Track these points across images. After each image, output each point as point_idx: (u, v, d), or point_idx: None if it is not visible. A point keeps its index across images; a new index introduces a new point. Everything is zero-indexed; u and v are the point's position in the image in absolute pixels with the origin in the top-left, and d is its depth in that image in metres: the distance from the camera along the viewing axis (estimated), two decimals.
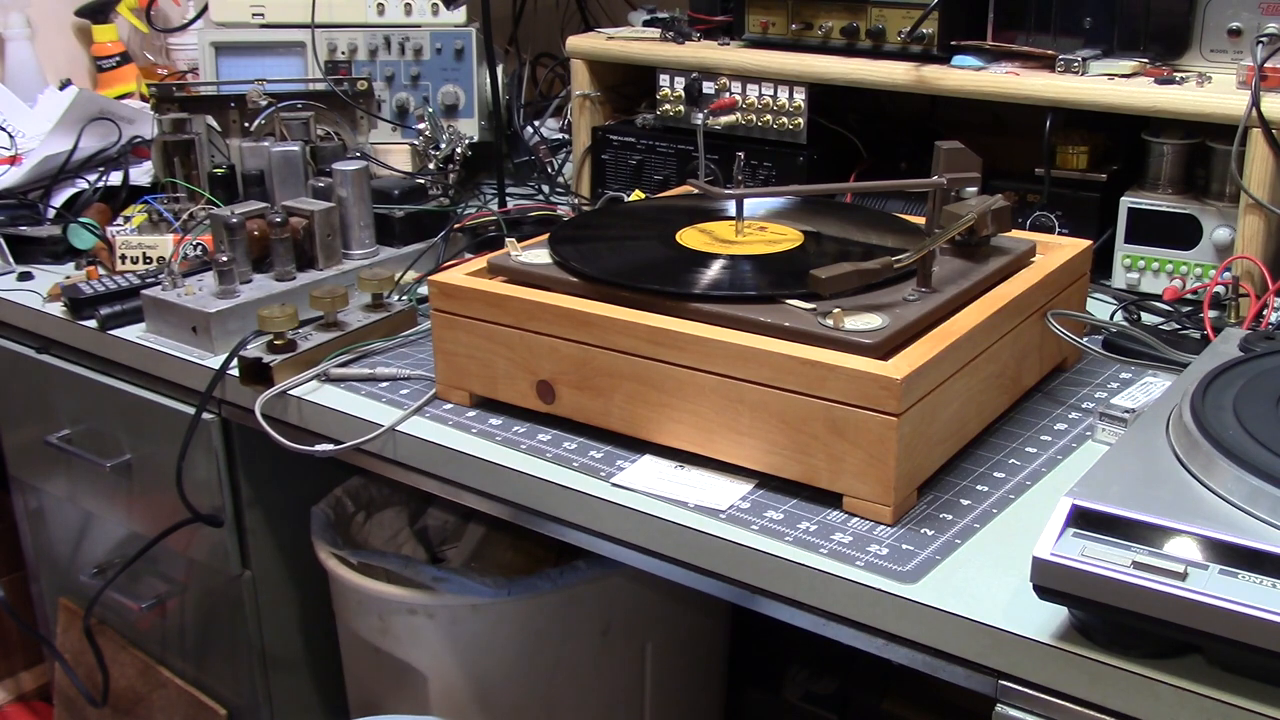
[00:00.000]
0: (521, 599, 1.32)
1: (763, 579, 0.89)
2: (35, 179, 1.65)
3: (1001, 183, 1.39)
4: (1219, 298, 1.22)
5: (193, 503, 1.30)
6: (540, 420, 1.07)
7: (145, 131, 1.72)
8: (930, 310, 0.97)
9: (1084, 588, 0.73)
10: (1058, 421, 1.06)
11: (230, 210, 1.33)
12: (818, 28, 1.47)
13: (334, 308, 1.23)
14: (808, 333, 0.93)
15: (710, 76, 1.51)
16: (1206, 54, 1.32)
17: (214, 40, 1.74)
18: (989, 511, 0.92)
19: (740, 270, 1.05)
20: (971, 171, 1.06)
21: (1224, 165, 1.27)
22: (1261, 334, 0.97)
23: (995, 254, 1.08)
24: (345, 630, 1.46)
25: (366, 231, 1.41)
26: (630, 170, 1.63)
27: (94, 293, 1.36)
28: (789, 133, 1.49)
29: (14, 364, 1.51)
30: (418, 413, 1.11)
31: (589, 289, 1.03)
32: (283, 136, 1.54)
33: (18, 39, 2.12)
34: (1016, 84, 1.32)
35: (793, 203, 1.25)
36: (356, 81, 1.61)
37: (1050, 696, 0.78)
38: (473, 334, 1.07)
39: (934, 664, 0.84)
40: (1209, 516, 0.73)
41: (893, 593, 0.83)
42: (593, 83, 1.66)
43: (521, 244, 1.12)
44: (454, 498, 1.10)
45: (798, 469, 0.93)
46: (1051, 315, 1.06)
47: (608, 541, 0.99)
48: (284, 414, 1.18)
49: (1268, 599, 0.68)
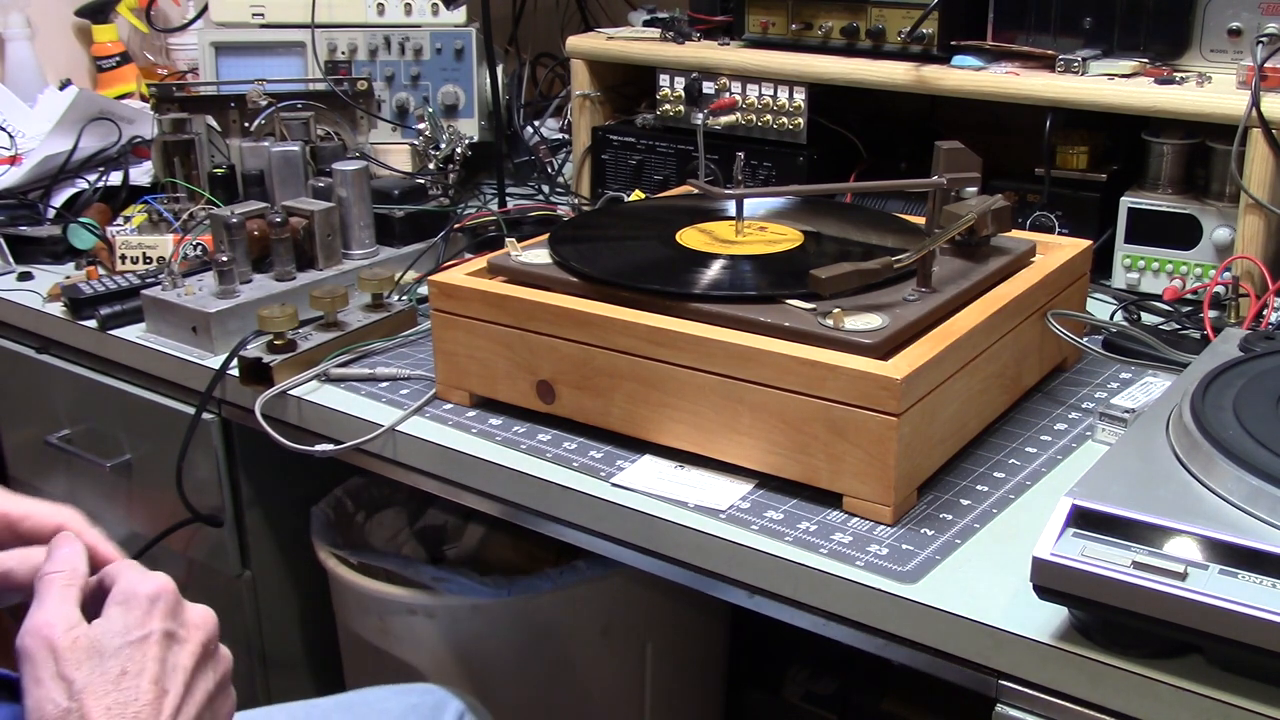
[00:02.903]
0: (521, 599, 1.32)
1: (763, 579, 0.89)
2: (35, 179, 1.65)
3: (1001, 183, 1.39)
4: (1219, 298, 1.22)
5: (193, 503, 1.30)
6: (540, 420, 1.06)
7: (145, 131, 1.72)
8: (930, 310, 0.97)
9: (1084, 588, 0.73)
10: (1058, 421, 1.06)
11: (230, 210, 1.33)
12: (818, 28, 1.47)
13: (334, 308, 1.23)
14: (808, 333, 0.93)
15: (710, 76, 1.51)
16: (1206, 54, 1.32)
17: (214, 40, 1.74)
18: (989, 511, 0.92)
19: (740, 270, 1.05)
20: (971, 171, 1.06)
21: (1224, 165, 1.27)
22: (1261, 334, 0.97)
23: (995, 254, 1.08)
24: (345, 630, 1.46)
25: (366, 231, 1.41)
26: (630, 170, 1.63)
27: (94, 293, 1.36)
28: (789, 133, 1.49)
29: (14, 364, 1.51)
30: (418, 413, 1.11)
31: (589, 289, 1.03)
32: (283, 136, 1.54)
33: (18, 39, 2.12)
34: (1016, 84, 1.32)
35: (793, 203, 1.25)
36: (356, 81, 1.61)
37: (1050, 696, 0.78)
38: (473, 334, 1.07)
39: (934, 664, 0.84)
40: (1209, 516, 0.73)
41: (893, 593, 0.83)
42: (593, 83, 1.66)
43: (521, 244, 1.12)
44: (454, 498, 1.10)
45: (798, 469, 0.93)
46: (1051, 315, 1.06)
47: (608, 541, 0.99)
48: (284, 414, 1.18)
49: (1268, 599, 0.68)
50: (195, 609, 0.74)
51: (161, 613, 0.71)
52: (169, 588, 0.72)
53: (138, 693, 0.67)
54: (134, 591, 0.71)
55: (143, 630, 0.70)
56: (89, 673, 0.67)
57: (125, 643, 0.69)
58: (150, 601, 0.71)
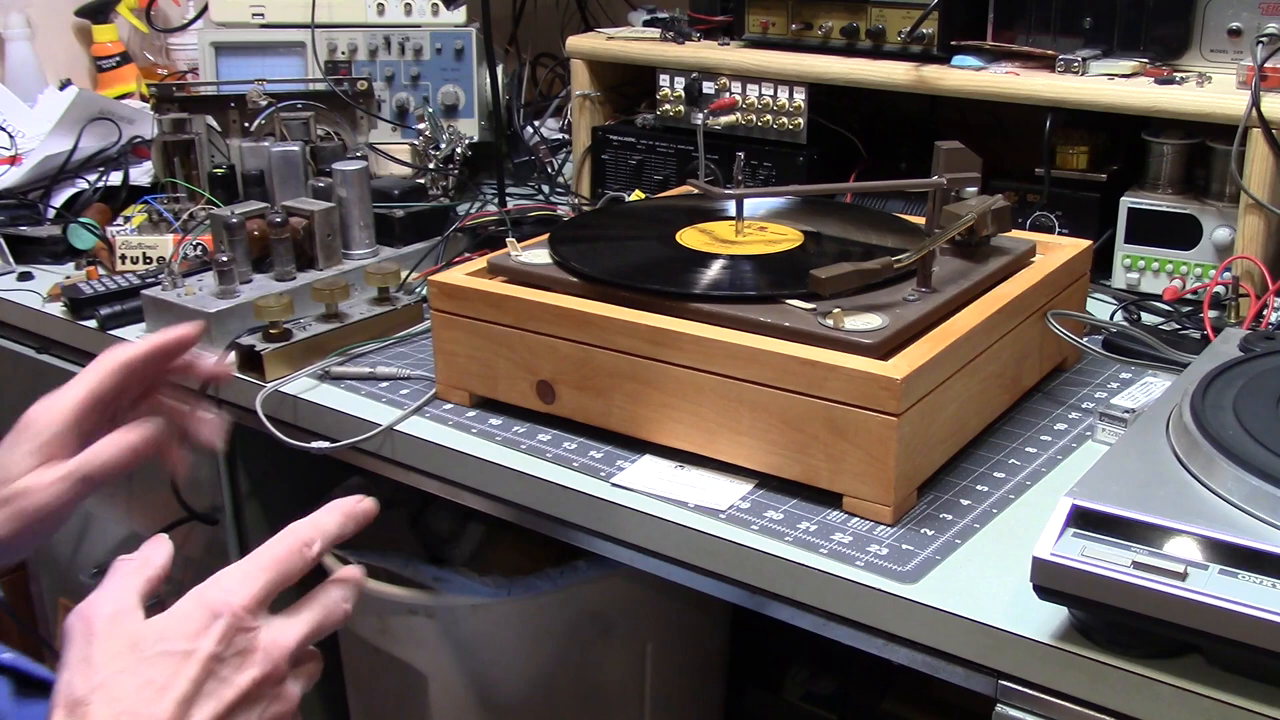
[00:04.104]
0: (521, 599, 1.32)
1: (763, 579, 0.89)
2: (35, 179, 1.65)
3: (1001, 183, 1.39)
4: (1219, 298, 1.22)
5: (193, 502, 1.30)
6: (540, 420, 1.06)
7: (145, 131, 1.72)
8: (930, 310, 0.97)
9: (1084, 588, 0.73)
10: (1058, 421, 1.06)
11: (230, 210, 1.33)
12: (818, 28, 1.47)
13: (334, 299, 1.23)
14: (808, 333, 0.93)
15: (710, 76, 1.51)
16: (1206, 54, 1.32)
17: (214, 40, 1.74)
18: (989, 511, 0.92)
19: (740, 270, 1.05)
20: (971, 171, 1.06)
21: (1224, 165, 1.27)
22: (1261, 334, 0.97)
23: (995, 254, 1.08)
24: (345, 630, 1.46)
25: (366, 231, 1.41)
26: (630, 170, 1.63)
27: (94, 293, 1.36)
28: (789, 133, 1.49)
29: (14, 364, 1.51)
30: (417, 412, 1.11)
31: (589, 289, 1.03)
32: (283, 136, 1.54)
33: (18, 39, 2.12)
34: (1016, 84, 1.32)
35: (793, 203, 1.25)
36: (356, 81, 1.61)
37: (1050, 696, 0.78)
38: (473, 334, 1.07)
39: (934, 664, 0.84)
40: (1209, 516, 0.73)
41: (893, 593, 0.83)
42: (593, 83, 1.66)
43: (521, 244, 1.12)
44: (454, 498, 1.10)
45: (798, 469, 0.93)
46: (1051, 315, 1.06)
47: (608, 541, 0.99)
48: (284, 413, 1.18)
49: (1268, 599, 0.68)
50: (274, 640, 0.67)
51: (219, 635, 0.64)
52: (236, 608, 0.65)
53: (155, 710, 0.61)
54: (203, 598, 0.65)
55: (189, 644, 0.63)
56: (116, 668, 0.62)
57: (164, 651, 0.63)
58: (212, 616, 0.64)
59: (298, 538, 0.70)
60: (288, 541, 0.70)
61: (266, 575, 0.68)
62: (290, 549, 0.69)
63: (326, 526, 0.72)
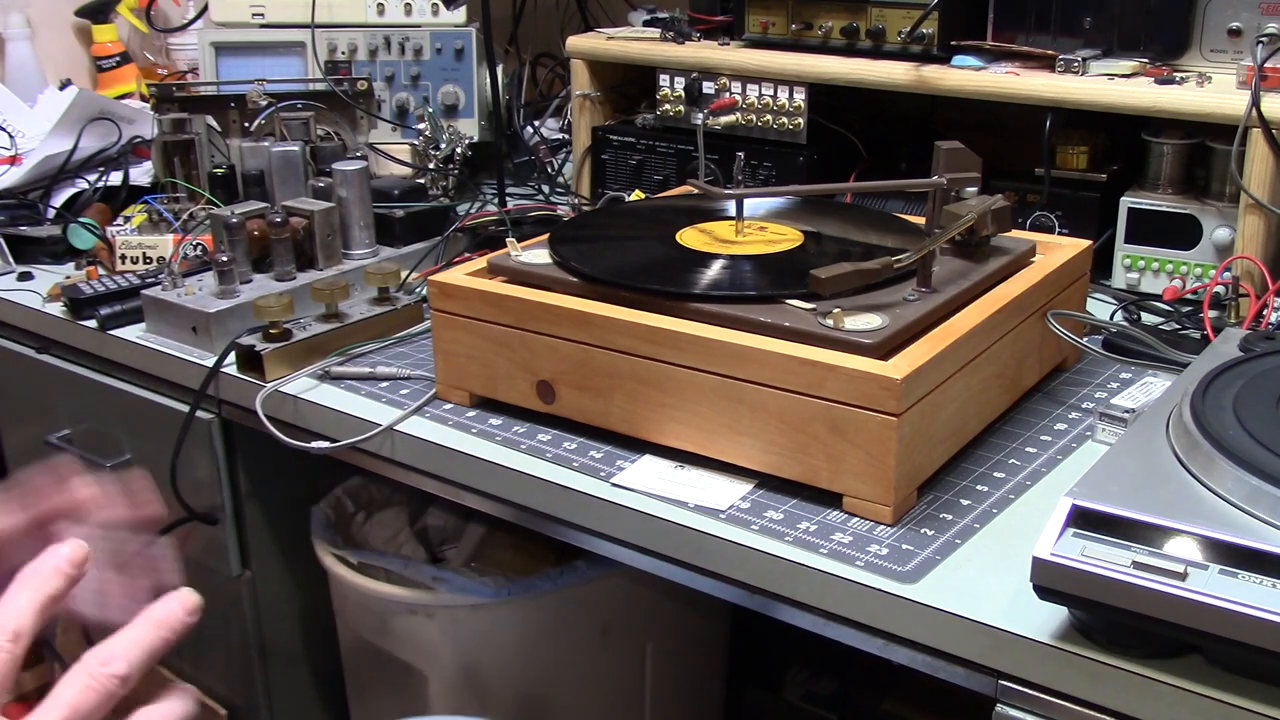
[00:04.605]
0: (521, 599, 1.32)
1: (762, 579, 0.89)
2: (35, 179, 1.65)
3: (1001, 183, 1.39)
4: (1219, 298, 1.22)
5: (193, 502, 1.30)
6: (540, 420, 1.06)
7: (145, 131, 1.72)
8: (930, 310, 0.97)
9: (1084, 588, 0.73)
10: (1058, 421, 1.06)
11: (230, 210, 1.33)
12: (818, 28, 1.47)
13: (334, 299, 1.23)
14: (808, 333, 0.93)
15: (710, 76, 1.51)
16: (1206, 54, 1.32)
17: (214, 40, 1.74)
18: (989, 511, 0.92)
19: (740, 270, 1.05)
20: (971, 171, 1.06)
21: (1224, 165, 1.27)
22: (1261, 334, 0.97)
23: (995, 254, 1.08)
24: (345, 630, 1.46)
25: (366, 231, 1.41)
26: (630, 170, 1.63)
27: (94, 293, 1.36)
28: (789, 133, 1.49)
29: (14, 364, 1.51)
30: (417, 412, 1.11)
31: (589, 289, 1.03)
32: (283, 136, 1.54)
33: (18, 39, 2.12)
34: (1016, 84, 1.32)
35: (793, 203, 1.25)
36: (356, 81, 1.61)
37: (1050, 696, 0.78)
38: (473, 334, 1.07)
39: (934, 664, 0.84)
40: (1209, 516, 0.73)
41: (893, 593, 0.83)
42: (593, 83, 1.66)
43: (521, 244, 1.12)
44: (454, 498, 1.10)
45: (798, 469, 0.93)
46: (1051, 315, 1.06)
47: (608, 541, 0.99)
48: (284, 413, 1.18)
49: (1268, 599, 0.68)
50: None
51: None
52: None
53: None
54: None
55: None
56: None
57: None
58: None
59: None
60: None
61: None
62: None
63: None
